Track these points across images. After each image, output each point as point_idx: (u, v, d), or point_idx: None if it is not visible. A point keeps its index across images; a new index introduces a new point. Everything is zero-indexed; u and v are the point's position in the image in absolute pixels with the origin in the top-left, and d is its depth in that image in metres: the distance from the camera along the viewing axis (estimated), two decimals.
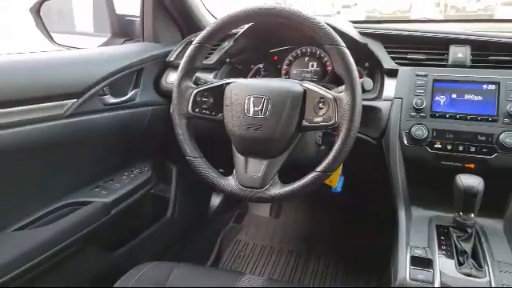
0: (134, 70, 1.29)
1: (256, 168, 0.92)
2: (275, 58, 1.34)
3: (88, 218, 1.12)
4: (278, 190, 0.90)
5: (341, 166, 1.11)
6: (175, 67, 1.28)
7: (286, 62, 1.33)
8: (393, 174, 1.03)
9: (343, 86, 0.86)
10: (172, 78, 1.36)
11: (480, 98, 0.98)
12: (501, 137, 0.92)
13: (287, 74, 1.33)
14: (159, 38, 1.49)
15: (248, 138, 0.91)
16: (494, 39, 1.07)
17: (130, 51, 1.36)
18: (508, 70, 1.00)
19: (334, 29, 0.87)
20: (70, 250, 1.07)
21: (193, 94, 0.97)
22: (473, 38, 1.08)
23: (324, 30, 0.85)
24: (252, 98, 0.90)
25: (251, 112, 0.90)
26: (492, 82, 0.98)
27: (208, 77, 1.25)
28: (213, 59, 1.29)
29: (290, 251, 1.72)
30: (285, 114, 0.88)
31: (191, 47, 0.97)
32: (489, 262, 0.81)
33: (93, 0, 1.64)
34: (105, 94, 1.19)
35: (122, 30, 1.57)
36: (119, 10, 1.56)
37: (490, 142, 0.94)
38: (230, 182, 0.94)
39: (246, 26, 1.19)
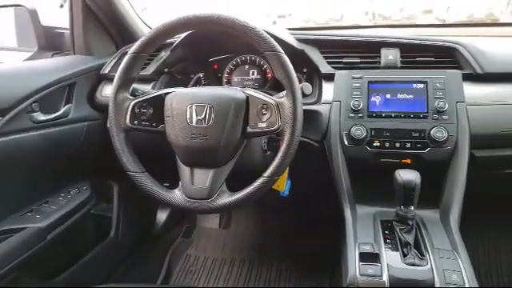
0: (65, 84, 1.22)
1: (202, 178, 0.90)
2: (215, 66, 1.34)
3: (21, 245, 1.03)
4: (226, 199, 0.89)
5: (287, 170, 1.12)
6: (110, 80, 1.23)
7: (227, 70, 1.33)
8: (336, 174, 1.06)
9: (284, 92, 0.87)
10: (107, 90, 1.30)
11: (411, 96, 1.04)
12: (432, 132, 0.99)
13: (229, 83, 1.33)
14: (92, 50, 1.42)
15: (193, 147, 0.89)
16: (420, 42, 1.15)
17: (60, 65, 1.29)
18: (434, 70, 1.07)
19: (272, 36, 0.88)
20: (4, 280, 0.98)
21: (131, 106, 0.93)
22: (401, 41, 1.16)
23: (263, 37, 0.86)
24: (194, 107, 0.88)
25: (194, 121, 0.88)
26: (421, 82, 1.04)
27: (146, 88, 1.22)
28: (150, 70, 1.26)
29: (242, 261, 1.71)
30: (229, 122, 0.88)
31: (126, 57, 0.93)
32: (429, 251, 0.86)
33: (14, 11, 1.54)
34: (33, 111, 1.11)
35: (50, 42, 1.48)
36: (45, 22, 1.47)
37: (423, 138, 1.00)
38: (176, 195, 0.91)
39: (184, 34, 1.18)
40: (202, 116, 0.88)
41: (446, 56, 1.12)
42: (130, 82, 0.96)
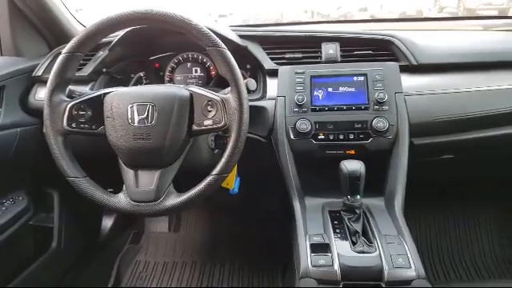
0: None
1: (148, 180, 0.87)
2: (156, 65, 1.30)
3: None
4: (174, 199, 0.86)
5: (235, 168, 1.11)
6: (44, 82, 1.14)
7: (169, 68, 1.29)
8: (284, 169, 1.06)
9: (229, 88, 0.86)
10: (41, 93, 1.22)
11: (352, 89, 1.07)
12: (373, 122, 1.02)
13: (171, 81, 1.30)
14: (22, 51, 1.32)
15: (136, 149, 0.85)
16: (358, 36, 1.19)
17: None
18: (372, 63, 1.11)
19: (214, 32, 0.86)
20: None
21: (67, 108, 0.88)
22: (340, 35, 1.19)
23: (205, 33, 0.84)
24: (135, 106, 0.85)
25: (136, 121, 0.84)
26: (360, 74, 1.08)
27: (84, 89, 1.15)
28: (87, 70, 1.19)
29: (193, 263, 1.67)
30: (173, 120, 0.85)
31: (60, 57, 0.87)
32: (377, 237, 0.89)
33: None
34: None
35: None
36: None
37: (365, 129, 1.03)
38: (121, 200, 0.87)
39: (122, 32, 1.13)
40: (145, 115, 0.85)
41: (383, 49, 1.17)
42: (66, 83, 0.90)
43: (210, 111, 0.86)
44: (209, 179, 0.85)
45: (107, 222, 1.64)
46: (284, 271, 1.54)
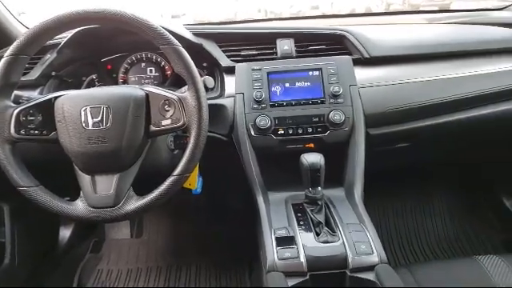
0: None
1: (106, 185, 0.84)
2: (109, 66, 1.26)
3: None
4: (135, 203, 0.84)
5: (197, 167, 1.10)
6: None
7: (122, 70, 1.26)
8: (246, 165, 1.07)
9: (186, 87, 0.85)
10: None
11: (308, 83, 1.09)
12: (330, 115, 1.05)
13: (125, 83, 1.26)
14: None
15: (91, 153, 0.82)
16: (312, 31, 1.21)
17: None
18: (326, 57, 1.14)
19: (168, 31, 0.85)
20: None
21: (14, 114, 0.83)
22: (295, 31, 1.21)
23: (158, 31, 0.82)
24: (89, 109, 0.82)
25: (90, 124, 0.81)
26: (315, 69, 1.10)
27: (32, 94, 1.09)
28: (35, 74, 1.13)
29: (158, 268, 1.64)
30: (129, 122, 0.83)
31: (3, 60, 0.83)
32: (340, 226, 0.91)
33: None
34: None
35: None
36: None
37: (323, 122, 1.06)
38: (78, 207, 0.84)
39: (71, 33, 1.08)
40: (99, 118, 0.82)
41: (336, 43, 1.19)
42: (11, 87, 0.86)
43: (167, 111, 0.84)
44: (170, 180, 0.84)
45: (65, 232, 1.58)
46: (251, 268, 1.55)
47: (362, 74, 1.13)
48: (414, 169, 1.68)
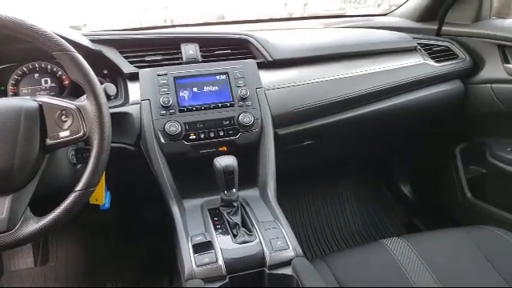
0: None
1: None
2: None
3: None
4: (33, 225, 0.76)
5: (104, 181, 1.03)
6: None
7: (12, 81, 1.13)
8: (158, 174, 1.03)
9: (85, 95, 0.79)
10: None
11: (216, 87, 1.09)
12: (240, 118, 1.06)
13: (16, 96, 1.14)
14: None
15: None
16: (216, 36, 1.22)
17: None
18: (232, 61, 1.15)
19: (62, 37, 0.79)
20: None
21: None
22: (199, 36, 1.20)
23: (50, 37, 0.76)
24: None
25: None
26: (222, 73, 1.11)
27: None
28: None
29: None
30: (21, 136, 0.75)
31: None
32: (256, 226, 0.92)
33: None
34: None
35: None
36: None
37: (233, 124, 1.06)
38: None
39: None
40: None
41: (241, 48, 1.22)
42: None
43: (65, 121, 0.78)
44: (73, 196, 0.77)
45: None
46: (171, 281, 1.49)
47: (267, 77, 1.17)
48: (322, 164, 1.77)
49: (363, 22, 1.67)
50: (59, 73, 1.16)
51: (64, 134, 0.78)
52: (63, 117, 0.78)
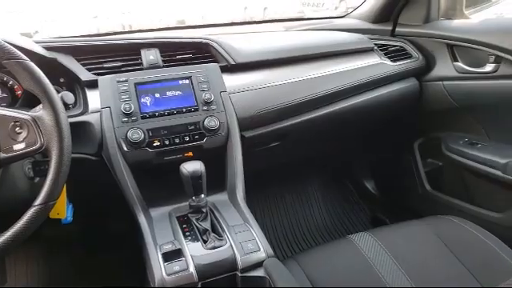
0: None
1: None
2: None
3: None
4: None
5: (65, 194, 0.99)
6: None
7: None
8: (122, 183, 1.00)
9: (40, 105, 0.76)
10: None
11: (180, 92, 1.08)
12: (205, 122, 1.05)
13: None
14: None
15: None
16: (177, 40, 1.20)
17: None
18: (195, 65, 1.15)
19: (12, 44, 0.75)
20: None
21: None
22: (159, 41, 1.19)
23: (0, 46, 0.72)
24: None
25: None
26: (185, 77, 1.10)
27: None
28: None
29: None
30: None
31: None
32: (226, 230, 0.91)
33: None
34: None
35: None
36: None
37: (199, 129, 1.05)
38: None
39: None
40: None
41: (203, 52, 1.21)
42: None
43: (19, 133, 0.74)
44: (32, 211, 0.73)
45: None
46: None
47: (231, 81, 1.16)
48: (290, 164, 1.79)
49: (322, 24, 1.70)
50: (10, 83, 1.10)
51: (19, 146, 0.74)
52: (17, 128, 0.75)
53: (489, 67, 1.32)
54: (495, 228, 1.10)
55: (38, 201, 0.74)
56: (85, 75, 1.07)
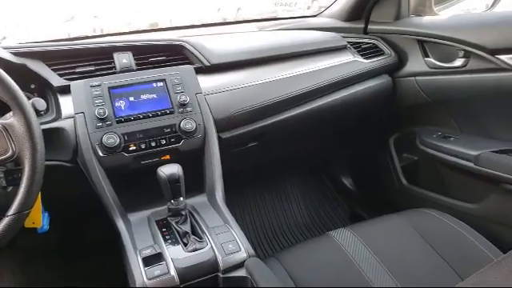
0: None
1: None
2: None
3: None
4: None
5: (40, 202, 0.97)
6: None
7: None
8: (99, 189, 0.98)
9: (11, 112, 0.74)
10: None
11: (154, 95, 1.07)
12: (181, 125, 1.04)
13: None
14: None
15: None
16: (149, 43, 1.19)
17: None
18: (169, 68, 1.14)
19: None
20: None
21: None
22: (131, 44, 1.17)
23: None
24: None
25: None
26: (159, 80, 1.09)
27: None
28: None
29: None
30: None
31: None
32: (206, 232, 0.91)
33: None
34: None
35: None
36: None
37: (175, 132, 1.04)
38: None
39: None
40: None
41: (176, 54, 1.20)
42: None
43: None
44: (5, 222, 0.72)
45: None
46: None
47: (206, 82, 1.16)
48: (268, 164, 1.80)
49: (295, 23, 1.71)
50: None
51: None
52: None
53: (458, 62, 1.36)
54: (470, 219, 1.14)
55: (12, 210, 0.72)
56: (56, 81, 1.05)
